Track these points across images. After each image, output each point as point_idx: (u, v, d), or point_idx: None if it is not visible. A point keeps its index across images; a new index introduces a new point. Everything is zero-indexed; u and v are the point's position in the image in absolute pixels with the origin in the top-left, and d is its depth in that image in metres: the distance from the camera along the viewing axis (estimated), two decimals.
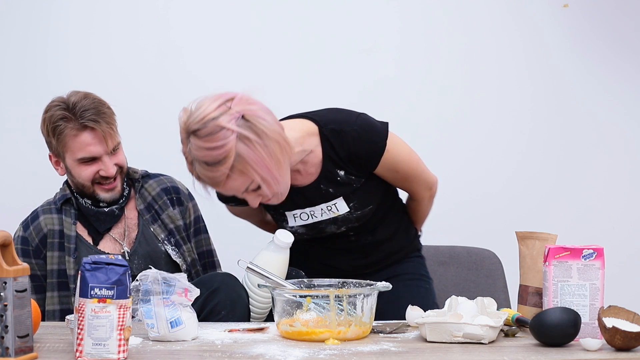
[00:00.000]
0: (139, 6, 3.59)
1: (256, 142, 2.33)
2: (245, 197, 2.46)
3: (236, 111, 2.33)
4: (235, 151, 2.31)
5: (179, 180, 2.97)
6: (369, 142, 2.56)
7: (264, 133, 2.34)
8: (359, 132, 2.55)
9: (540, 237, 2.36)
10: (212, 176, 2.36)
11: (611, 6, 3.69)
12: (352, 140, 2.55)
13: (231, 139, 2.30)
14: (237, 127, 2.31)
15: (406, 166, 2.65)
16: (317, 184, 2.61)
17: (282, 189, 2.47)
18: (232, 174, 2.35)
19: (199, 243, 2.93)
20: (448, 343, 2.14)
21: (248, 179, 2.38)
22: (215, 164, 2.33)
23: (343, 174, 2.59)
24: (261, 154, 2.35)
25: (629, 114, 3.72)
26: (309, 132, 2.58)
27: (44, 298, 2.77)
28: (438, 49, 3.67)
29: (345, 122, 2.57)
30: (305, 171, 2.60)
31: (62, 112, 2.73)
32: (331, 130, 2.56)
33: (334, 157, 2.57)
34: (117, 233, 2.83)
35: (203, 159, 2.33)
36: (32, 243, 2.78)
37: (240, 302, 2.52)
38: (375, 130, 2.58)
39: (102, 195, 2.78)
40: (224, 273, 2.67)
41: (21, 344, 1.97)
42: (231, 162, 2.32)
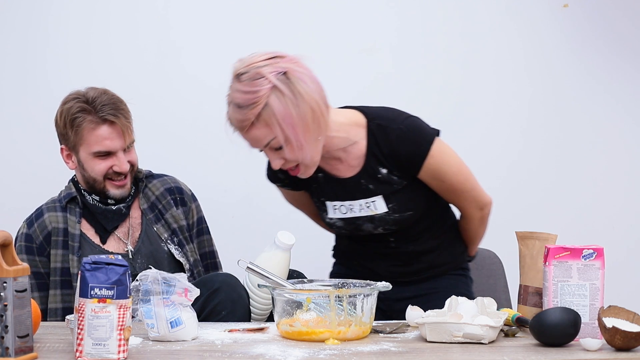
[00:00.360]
0: (138, 6, 3.59)
1: (289, 99, 2.39)
2: (267, 153, 2.49)
3: (281, 67, 2.41)
4: (265, 100, 2.38)
5: (182, 181, 2.97)
6: (413, 143, 2.54)
7: (300, 94, 2.39)
8: (404, 132, 2.54)
9: (540, 237, 2.36)
10: (239, 119, 2.42)
11: (611, 6, 3.69)
12: (396, 139, 2.54)
13: (266, 87, 2.38)
14: (275, 79, 2.38)
15: (453, 177, 2.59)
16: (357, 178, 2.59)
17: (307, 158, 2.46)
18: (256, 122, 2.40)
19: (202, 244, 2.94)
20: (448, 343, 2.14)
21: (271, 133, 2.41)
22: (244, 107, 2.39)
23: (385, 172, 2.57)
24: (290, 112, 2.39)
25: (628, 114, 3.72)
26: (356, 122, 2.58)
27: (47, 296, 2.78)
28: (437, 49, 3.67)
29: (393, 119, 2.56)
30: (347, 162, 2.59)
31: (81, 104, 2.75)
32: (378, 125, 2.56)
33: (377, 153, 2.56)
34: (122, 232, 2.84)
35: (236, 100, 2.41)
36: (36, 240, 2.79)
37: (240, 302, 2.53)
38: (422, 133, 2.56)
39: (112, 191, 2.79)
40: (225, 273, 2.67)
41: (21, 344, 1.97)
42: (259, 109, 2.38)
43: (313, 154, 2.47)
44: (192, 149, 3.61)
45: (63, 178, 2.97)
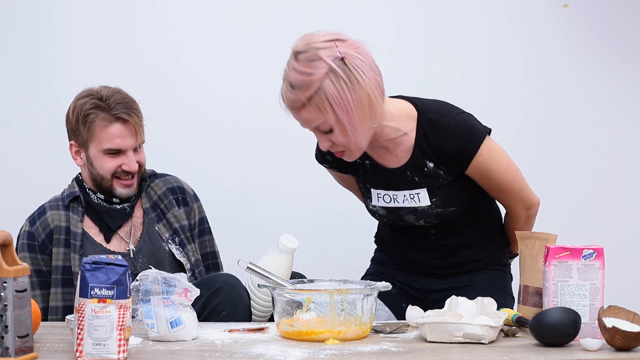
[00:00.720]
0: (139, 6, 3.59)
1: (345, 84, 2.37)
2: (316, 134, 2.48)
3: (340, 51, 2.38)
4: (319, 84, 2.37)
5: (185, 181, 2.97)
6: (462, 140, 2.52)
7: (356, 80, 2.38)
8: (454, 128, 2.52)
9: (540, 237, 2.36)
10: (291, 99, 2.41)
11: (611, 6, 3.68)
12: (445, 134, 2.52)
13: (321, 71, 2.37)
14: (332, 63, 2.37)
15: (501, 177, 2.58)
16: (404, 169, 2.58)
17: (357, 143, 2.46)
18: (308, 105, 2.39)
19: (203, 244, 2.94)
20: (448, 343, 2.14)
21: (322, 116, 2.40)
22: (297, 88, 2.39)
23: (432, 166, 2.56)
24: (346, 96, 2.38)
25: (627, 114, 3.72)
26: (407, 114, 2.57)
27: (49, 294, 2.78)
28: (435, 49, 3.67)
29: (444, 115, 2.55)
30: (395, 153, 2.58)
31: (95, 101, 2.76)
32: (428, 119, 2.55)
33: (425, 147, 2.55)
34: (124, 231, 2.85)
35: (290, 79, 2.40)
36: (38, 238, 2.80)
37: (241, 302, 2.53)
38: (473, 130, 2.54)
39: (119, 190, 2.80)
40: (226, 274, 2.67)
41: (21, 344, 1.97)
42: (311, 92, 2.37)
43: (363, 137, 2.46)
44: (192, 149, 3.61)
45: (64, 178, 2.97)
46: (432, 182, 2.57)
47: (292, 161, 3.58)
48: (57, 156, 3.42)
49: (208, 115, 3.61)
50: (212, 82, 3.61)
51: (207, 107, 3.62)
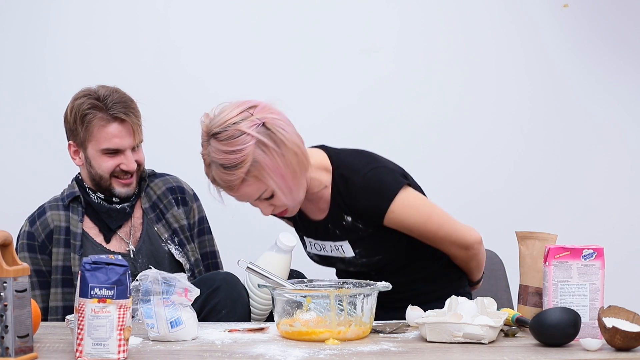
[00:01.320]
0: (138, 7, 3.59)
1: (274, 150, 2.38)
2: (258, 205, 2.49)
3: (257, 118, 2.38)
4: (252, 156, 2.36)
5: (184, 181, 2.97)
6: (372, 198, 2.48)
7: (282, 142, 2.39)
8: (363, 186, 2.49)
9: (540, 237, 2.36)
10: (227, 179, 2.40)
11: (611, 6, 3.68)
12: (355, 192, 2.50)
13: (250, 144, 2.36)
14: (257, 133, 2.36)
15: (422, 227, 2.51)
16: (326, 222, 2.58)
17: (295, 201, 2.48)
18: (247, 179, 2.39)
19: (203, 244, 2.94)
20: (448, 343, 2.14)
21: (263, 186, 2.41)
22: (232, 168, 2.38)
23: (350, 220, 2.55)
24: (277, 162, 2.38)
25: (628, 114, 3.72)
26: (324, 167, 2.56)
27: (48, 294, 2.78)
28: (437, 49, 3.67)
29: (355, 170, 2.52)
30: (317, 205, 2.59)
31: (92, 101, 2.76)
32: (340, 174, 2.53)
33: (340, 202, 2.54)
34: (124, 232, 2.85)
35: (220, 161, 2.39)
36: (38, 238, 2.80)
37: (240, 301, 2.53)
38: (383, 187, 2.49)
39: (118, 189, 2.80)
40: (225, 272, 2.68)
41: (21, 344, 1.97)
42: (247, 166, 2.37)
43: (300, 193, 2.48)
44: (192, 149, 3.59)
45: (63, 178, 2.97)
46: (352, 235, 2.55)
47: None
48: (56, 156, 3.41)
49: None
50: (212, 83, 3.61)
51: (207, 107, 3.60)
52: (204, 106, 3.58)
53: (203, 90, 3.60)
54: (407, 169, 3.60)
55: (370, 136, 3.64)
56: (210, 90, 3.60)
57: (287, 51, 3.64)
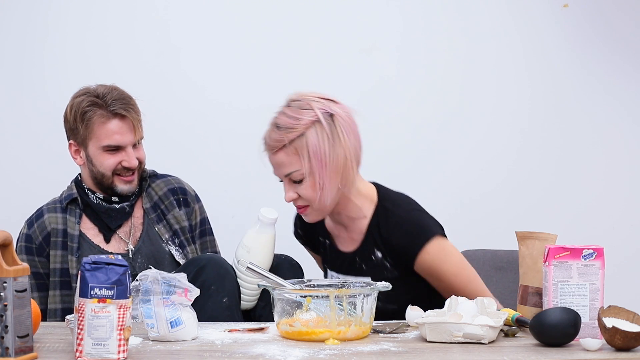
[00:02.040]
0: (137, 8, 3.59)
1: (327, 137, 2.43)
2: (285, 186, 2.51)
3: (330, 108, 2.46)
4: (304, 130, 2.43)
5: (186, 182, 2.97)
6: (409, 235, 2.50)
7: (338, 139, 2.44)
8: (403, 220, 2.51)
9: (540, 237, 2.36)
10: (273, 138, 2.47)
11: (611, 6, 3.69)
12: (393, 225, 2.51)
13: (309, 119, 2.44)
14: (321, 115, 2.44)
15: (452, 278, 2.51)
16: (354, 255, 2.58)
17: (322, 201, 2.48)
18: (288, 147, 2.45)
19: (204, 245, 2.94)
20: (448, 343, 2.14)
21: (297, 164, 2.45)
22: (282, 129, 2.45)
23: (380, 256, 2.55)
24: (325, 149, 2.43)
25: (628, 114, 3.72)
26: (370, 197, 2.58)
27: (47, 296, 2.78)
28: (438, 49, 3.67)
29: (399, 206, 2.55)
30: (351, 234, 2.60)
31: (92, 98, 2.77)
32: (384, 207, 2.55)
33: (376, 235, 2.54)
34: (123, 231, 2.85)
35: (277, 121, 2.48)
36: (35, 241, 2.79)
37: (228, 277, 2.54)
38: (423, 227, 2.51)
39: (120, 187, 2.80)
40: (211, 253, 2.70)
41: (21, 344, 1.97)
42: (294, 135, 2.44)
43: (329, 198, 2.49)
44: (192, 149, 3.61)
45: (60, 179, 2.98)
46: (378, 274, 2.54)
47: None
48: (55, 156, 3.42)
49: (207, 115, 3.61)
50: (211, 83, 3.61)
51: (207, 107, 3.61)
52: (203, 107, 3.62)
53: (202, 91, 3.60)
54: (407, 169, 3.62)
55: (370, 136, 3.61)
56: (209, 91, 3.61)
57: (286, 51, 3.64)
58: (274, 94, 3.59)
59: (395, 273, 2.54)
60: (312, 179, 2.46)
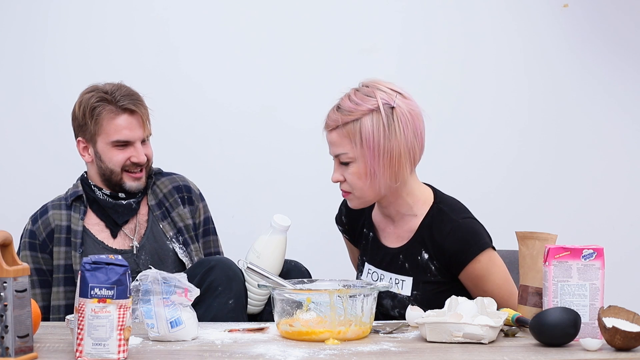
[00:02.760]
0: (136, 7, 3.59)
1: (383, 128, 2.45)
2: (335, 163, 2.52)
3: (395, 102, 2.47)
4: (360, 116, 2.46)
5: (191, 180, 2.98)
6: (463, 242, 2.49)
7: (394, 131, 2.45)
8: (459, 226, 2.50)
9: (540, 237, 2.36)
10: (331, 117, 2.51)
11: (611, 6, 3.68)
12: (448, 230, 2.50)
13: (368, 107, 2.46)
14: (382, 105, 2.46)
15: (496, 289, 2.50)
16: (399, 251, 2.57)
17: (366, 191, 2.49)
18: (341, 129, 2.47)
19: (207, 244, 2.94)
20: (448, 343, 2.14)
21: (348, 146, 2.47)
22: (341, 110, 2.48)
23: (426, 257, 2.53)
24: (378, 139, 2.44)
25: (628, 114, 3.72)
26: (425, 198, 2.57)
27: (50, 293, 2.79)
28: (437, 49, 3.67)
29: (455, 211, 2.54)
30: (398, 230, 2.58)
31: (101, 94, 2.80)
32: (439, 209, 2.54)
33: (426, 236, 2.53)
34: (129, 228, 2.86)
35: (341, 102, 2.51)
36: (39, 237, 2.81)
37: (236, 279, 2.55)
38: (476, 236, 2.51)
39: (128, 183, 2.81)
40: (220, 256, 2.69)
41: (21, 344, 1.97)
42: (350, 119, 2.46)
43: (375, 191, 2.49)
44: (192, 149, 3.61)
45: (60, 178, 2.99)
46: (420, 275, 2.53)
47: (292, 161, 3.58)
48: (54, 156, 3.43)
49: (207, 115, 3.61)
50: (211, 84, 3.60)
51: (206, 107, 3.61)
52: (202, 107, 3.62)
53: (201, 92, 3.60)
54: None
55: None
56: (209, 91, 3.61)
57: (286, 51, 3.63)
58: (273, 94, 3.63)
59: (438, 277, 2.53)
60: (361, 166, 2.47)
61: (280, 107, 3.59)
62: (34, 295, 2.76)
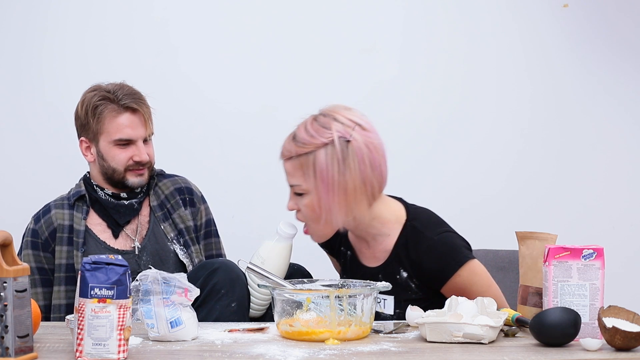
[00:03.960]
0: (136, 7, 3.59)
1: (336, 161, 2.40)
2: (290, 192, 2.50)
3: (350, 134, 2.41)
4: (314, 149, 2.40)
5: (193, 182, 2.99)
6: (441, 259, 2.45)
7: (349, 166, 2.40)
8: (434, 244, 2.46)
9: (540, 237, 2.36)
10: (286, 147, 2.46)
11: (611, 6, 3.69)
12: (425, 249, 2.46)
13: (323, 139, 2.40)
14: (337, 139, 2.39)
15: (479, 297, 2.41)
16: (377, 271, 2.54)
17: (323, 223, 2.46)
18: (295, 161, 2.43)
19: (209, 246, 2.94)
20: (448, 343, 2.14)
21: (301, 178, 2.43)
22: (296, 141, 2.43)
23: (405, 276, 2.51)
24: (332, 173, 2.39)
25: (628, 114, 3.72)
26: (397, 217, 2.53)
27: (51, 292, 2.80)
28: (437, 49, 3.67)
29: (429, 227, 2.49)
30: (374, 250, 2.56)
31: (103, 93, 2.81)
32: (413, 227, 2.50)
33: (403, 256, 2.50)
34: (130, 229, 2.87)
35: (297, 132, 2.45)
36: (41, 236, 2.81)
37: (239, 282, 2.55)
38: (454, 251, 2.47)
39: (131, 180, 2.82)
40: (223, 258, 2.69)
41: (21, 344, 1.97)
42: (304, 151, 2.41)
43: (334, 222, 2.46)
44: (192, 150, 3.61)
45: (59, 177, 2.99)
46: (401, 293, 2.50)
47: None
48: (52, 158, 3.43)
49: (207, 115, 3.61)
50: (210, 84, 3.61)
51: (206, 108, 3.61)
52: (202, 108, 3.62)
53: (201, 92, 3.60)
54: (408, 170, 3.62)
55: None
56: (209, 91, 3.61)
57: (286, 51, 3.64)
58: (273, 94, 3.63)
59: (419, 294, 2.51)
60: (314, 199, 2.43)
61: (280, 107, 3.59)
62: (35, 294, 2.77)
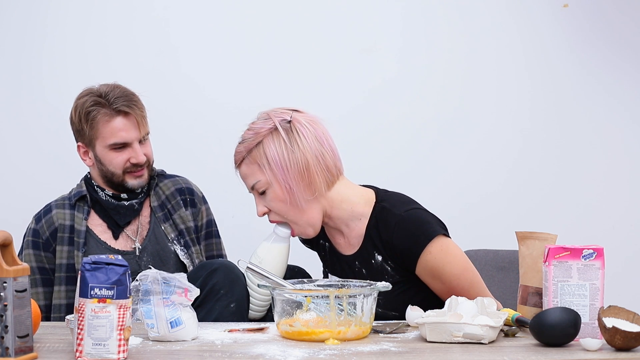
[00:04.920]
0: (136, 7, 3.59)
1: (284, 143, 2.43)
2: (255, 197, 2.51)
3: (291, 117, 2.46)
4: (261, 139, 2.44)
5: (194, 183, 2.99)
6: (410, 235, 2.42)
7: (296, 143, 2.42)
8: (403, 220, 2.44)
9: (540, 237, 2.36)
10: (236, 151, 2.51)
11: (611, 6, 3.69)
12: (393, 226, 2.44)
13: (266, 128, 2.45)
14: (278, 123, 2.44)
15: (454, 280, 2.43)
16: (353, 258, 2.54)
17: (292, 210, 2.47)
18: (247, 158, 2.47)
19: (209, 247, 2.94)
20: (448, 343, 2.14)
21: (258, 172, 2.46)
22: (242, 142, 2.49)
23: (380, 259, 2.49)
24: (282, 155, 2.43)
25: (628, 114, 3.72)
26: (367, 200, 2.52)
27: (51, 291, 2.80)
28: (437, 49, 3.67)
29: (397, 205, 2.48)
30: (348, 238, 2.55)
31: (95, 98, 2.80)
32: (382, 207, 2.49)
33: (375, 237, 2.49)
34: (131, 229, 2.87)
35: (241, 135, 2.51)
36: (42, 236, 2.82)
37: (238, 282, 2.55)
38: (424, 226, 2.43)
39: (130, 182, 2.82)
40: (223, 259, 2.69)
41: (21, 344, 1.97)
42: (252, 145, 2.45)
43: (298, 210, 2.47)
44: (192, 149, 3.61)
45: (59, 178, 2.99)
46: (378, 278, 2.48)
47: None
48: (53, 158, 3.43)
49: (207, 114, 3.61)
50: (210, 84, 3.61)
51: (206, 107, 3.62)
52: (202, 107, 3.62)
53: (201, 91, 3.61)
54: (408, 170, 3.62)
55: (370, 137, 3.64)
56: (209, 90, 3.61)
57: (287, 51, 3.64)
58: (274, 93, 3.63)
59: (396, 277, 2.49)
60: (277, 188, 2.45)
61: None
62: (36, 294, 2.77)
